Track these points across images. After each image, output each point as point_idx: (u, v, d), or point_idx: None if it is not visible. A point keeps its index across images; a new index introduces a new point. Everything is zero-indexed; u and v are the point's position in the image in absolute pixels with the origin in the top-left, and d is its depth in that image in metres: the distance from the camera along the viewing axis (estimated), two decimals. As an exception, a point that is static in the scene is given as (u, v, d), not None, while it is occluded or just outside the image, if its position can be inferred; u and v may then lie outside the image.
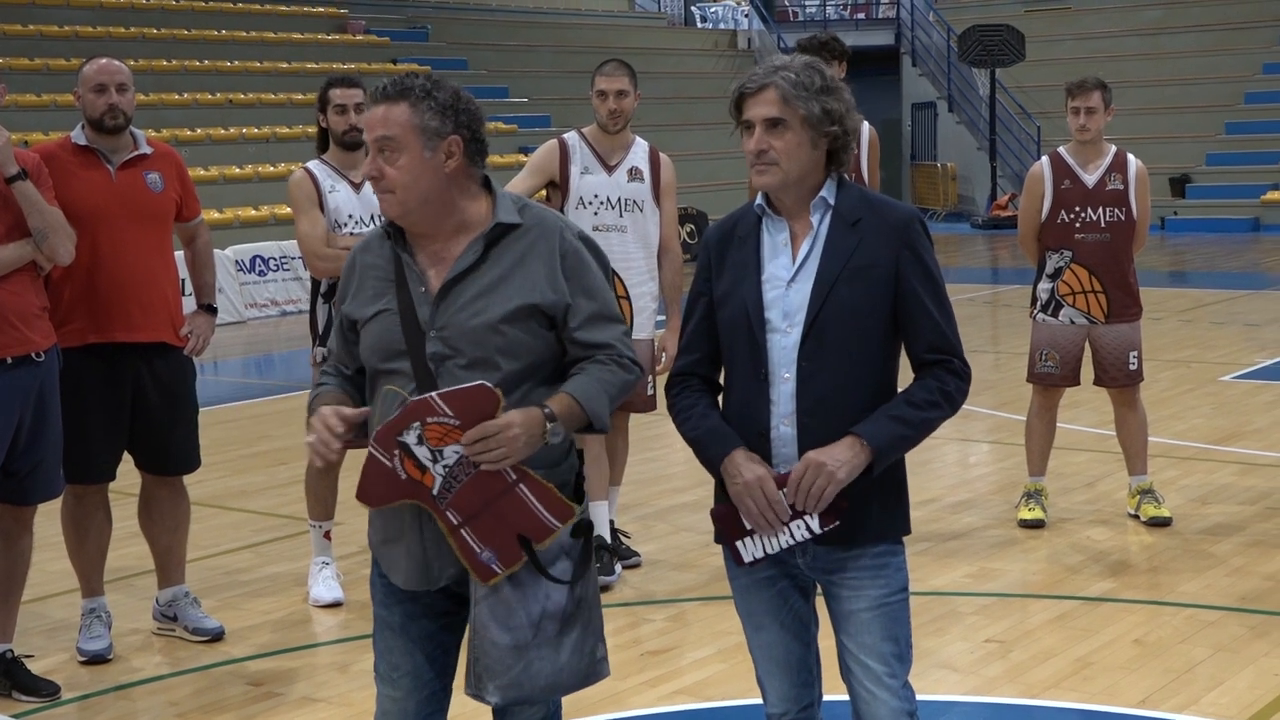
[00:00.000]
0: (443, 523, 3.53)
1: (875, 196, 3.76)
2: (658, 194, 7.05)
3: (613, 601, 6.77)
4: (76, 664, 6.13)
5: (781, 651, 3.85)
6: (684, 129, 27.77)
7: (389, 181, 3.54)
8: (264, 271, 18.25)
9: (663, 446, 10.11)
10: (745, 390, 3.70)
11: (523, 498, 3.55)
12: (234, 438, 10.53)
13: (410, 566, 3.64)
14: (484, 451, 3.46)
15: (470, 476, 3.50)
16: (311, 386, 3.85)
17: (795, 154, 3.62)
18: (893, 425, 3.59)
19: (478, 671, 3.59)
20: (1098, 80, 7.67)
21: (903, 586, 3.76)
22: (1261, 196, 26.42)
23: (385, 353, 3.58)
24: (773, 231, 3.73)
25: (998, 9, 32.25)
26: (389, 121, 3.53)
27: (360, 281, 3.66)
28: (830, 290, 3.61)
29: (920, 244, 3.66)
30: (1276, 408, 10.47)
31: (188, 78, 23.02)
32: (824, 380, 3.61)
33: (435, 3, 30.98)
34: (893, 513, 3.74)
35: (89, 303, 5.98)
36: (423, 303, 3.57)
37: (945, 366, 3.64)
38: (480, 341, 3.55)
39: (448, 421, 3.46)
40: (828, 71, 3.68)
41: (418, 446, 3.48)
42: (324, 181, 6.66)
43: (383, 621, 3.75)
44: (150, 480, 6.37)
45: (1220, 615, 6.39)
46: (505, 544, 3.55)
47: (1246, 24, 30.40)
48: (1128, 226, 7.67)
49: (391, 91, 3.54)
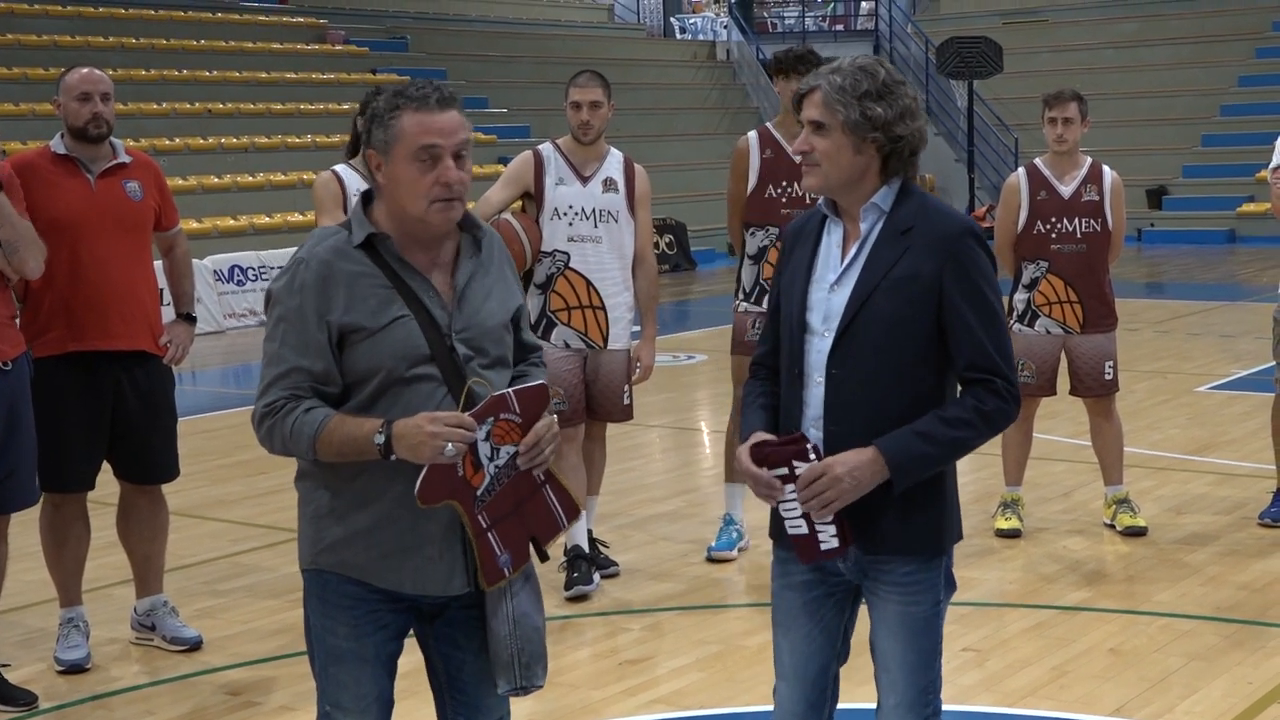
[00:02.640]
0: (472, 526, 3.54)
1: (935, 206, 3.69)
2: (632, 205, 7.07)
3: (590, 611, 6.79)
4: (54, 673, 6.11)
5: (800, 660, 3.84)
6: (663, 140, 27.83)
7: (465, 185, 3.56)
8: (243, 281, 18.23)
9: (640, 456, 10.14)
10: (788, 388, 3.74)
11: (546, 499, 3.64)
12: (213, 447, 10.52)
13: (449, 569, 3.62)
14: (538, 454, 3.55)
15: (510, 479, 3.56)
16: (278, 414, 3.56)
17: (836, 157, 3.62)
18: (915, 442, 3.56)
19: (525, 661, 3.63)
20: (1074, 92, 7.72)
21: (936, 601, 3.74)
22: (1237, 208, 26.52)
23: (410, 359, 3.53)
24: (831, 233, 3.75)
25: (975, 21, 32.38)
26: (464, 126, 3.57)
27: (351, 290, 3.53)
28: (868, 299, 3.60)
29: (968, 257, 3.60)
30: (1251, 418, 10.52)
31: (166, 87, 22.97)
32: (853, 388, 3.61)
33: (415, 13, 30.98)
34: (931, 527, 3.71)
35: (68, 311, 5.98)
36: (437, 306, 3.57)
37: (986, 386, 3.58)
38: (499, 340, 3.67)
39: (514, 419, 3.52)
40: (883, 75, 3.62)
41: (483, 443, 3.49)
42: (351, 185, 6.71)
43: (352, 654, 3.66)
44: (129, 489, 6.37)
45: (1195, 624, 6.42)
46: (520, 547, 3.62)
47: (1223, 37, 30.57)
48: (1104, 237, 7.72)
49: (450, 99, 3.56)
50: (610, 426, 7.44)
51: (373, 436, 3.45)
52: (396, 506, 3.56)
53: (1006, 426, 3.67)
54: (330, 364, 3.53)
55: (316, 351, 3.52)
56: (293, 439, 3.52)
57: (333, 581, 3.65)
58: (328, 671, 3.70)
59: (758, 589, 6.98)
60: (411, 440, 3.41)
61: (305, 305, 3.53)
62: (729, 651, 6.21)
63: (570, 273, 6.93)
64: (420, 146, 3.49)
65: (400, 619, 3.72)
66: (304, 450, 3.53)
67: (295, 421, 3.51)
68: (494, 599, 3.62)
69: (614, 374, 7.11)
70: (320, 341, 3.52)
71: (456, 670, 3.77)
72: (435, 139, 3.50)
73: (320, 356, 3.52)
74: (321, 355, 3.52)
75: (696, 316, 18.79)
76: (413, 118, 3.51)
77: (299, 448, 3.53)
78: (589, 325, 6.97)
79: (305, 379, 3.53)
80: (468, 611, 3.69)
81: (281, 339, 3.55)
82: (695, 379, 13.78)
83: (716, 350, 14.10)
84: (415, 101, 3.51)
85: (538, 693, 3.74)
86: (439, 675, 3.82)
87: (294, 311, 3.53)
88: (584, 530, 7.11)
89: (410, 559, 3.61)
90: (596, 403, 7.13)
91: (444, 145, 3.50)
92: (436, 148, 3.50)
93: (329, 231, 3.65)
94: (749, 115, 30.49)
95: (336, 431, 3.48)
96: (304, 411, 3.51)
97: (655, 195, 7.52)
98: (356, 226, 3.59)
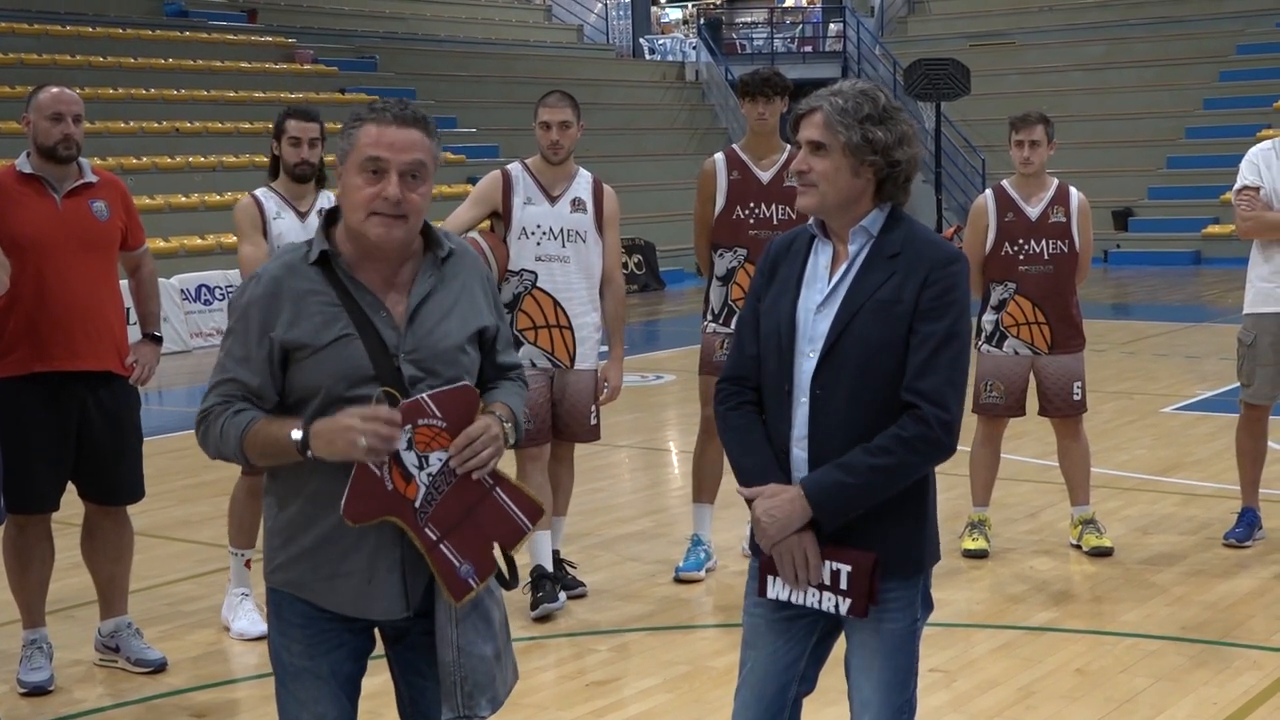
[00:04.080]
0: (420, 540, 3.51)
1: (924, 234, 3.71)
2: (601, 225, 7.07)
3: (557, 632, 6.78)
4: (17, 695, 6.07)
5: (760, 676, 3.85)
6: (632, 160, 27.86)
7: (410, 205, 3.52)
8: (209, 301, 18.17)
9: (608, 477, 10.14)
10: (773, 405, 3.73)
11: (499, 502, 3.58)
12: (178, 468, 10.47)
13: (388, 593, 3.59)
14: (471, 456, 3.50)
15: (450, 486, 3.51)
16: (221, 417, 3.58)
17: (833, 178, 3.64)
18: (834, 474, 3.59)
19: (467, 690, 3.59)
20: (1040, 114, 7.76)
21: (913, 620, 3.77)
22: (1203, 230, 26.69)
23: (351, 379, 3.50)
24: (819, 253, 3.76)
25: (943, 43, 32.53)
26: (419, 147, 3.52)
27: (298, 307, 3.52)
28: (851, 321, 3.62)
29: (945, 285, 3.60)
30: (1217, 439, 10.57)
31: (133, 105, 22.89)
32: (835, 409, 3.63)
33: (384, 32, 30.97)
34: (911, 545, 3.73)
35: (33, 331, 5.94)
36: (386, 326, 3.55)
37: (912, 411, 3.58)
38: (453, 362, 3.60)
39: (436, 424, 3.47)
40: (883, 100, 3.66)
41: (406, 452, 3.46)
42: (270, 209, 6.70)
43: (308, 672, 3.65)
44: (94, 510, 6.33)
45: (1161, 645, 6.44)
46: (482, 554, 3.56)
47: (1188, 60, 30.80)
48: (1071, 259, 7.75)
49: (410, 118, 3.53)
50: (578, 447, 7.43)
51: (290, 433, 3.45)
52: (338, 528, 3.54)
53: (935, 458, 3.64)
54: (266, 380, 3.55)
55: (254, 366, 3.55)
56: (223, 440, 3.55)
57: (286, 600, 3.66)
58: (286, 688, 3.70)
59: (726, 609, 6.98)
60: (328, 435, 3.41)
61: (251, 319, 3.56)
62: (697, 672, 6.20)
63: (537, 292, 6.93)
64: (368, 157, 3.49)
65: (358, 639, 3.70)
66: (233, 451, 3.54)
67: (225, 423, 3.54)
68: (442, 625, 3.59)
69: (581, 394, 7.11)
70: (260, 357, 3.54)
71: (419, 695, 3.76)
72: (383, 152, 3.48)
73: (257, 372, 3.55)
74: (258, 371, 3.55)
75: (665, 337, 18.81)
76: (369, 130, 3.51)
77: (228, 448, 3.55)
78: (555, 345, 6.97)
79: (239, 390, 3.57)
80: (429, 637, 3.65)
81: (227, 349, 3.61)
82: (664, 399, 13.78)
83: (685, 370, 14.11)
84: (376, 114, 3.52)
85: (504, 713, 3.72)
86: (404, 701, 3.81)
87: (240, 324, 3.58)
88: (548, 550, 7.09)
89: (350, 581, 3.59)
90: (563, 422, 7.12)
91: (390, 160, 3.48)
92: (382, 161, 3.48)
93: (290, 248, 3.66)
94: (718, 136, 30.56)
95: (261, 432, 3.51)
96: (233, 414, 3.54)
97: (624, 215, 7.52)
98: (315, 243, 3.59)
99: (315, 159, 6.76)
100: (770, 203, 7.28)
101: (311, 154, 6.73)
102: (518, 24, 35.80)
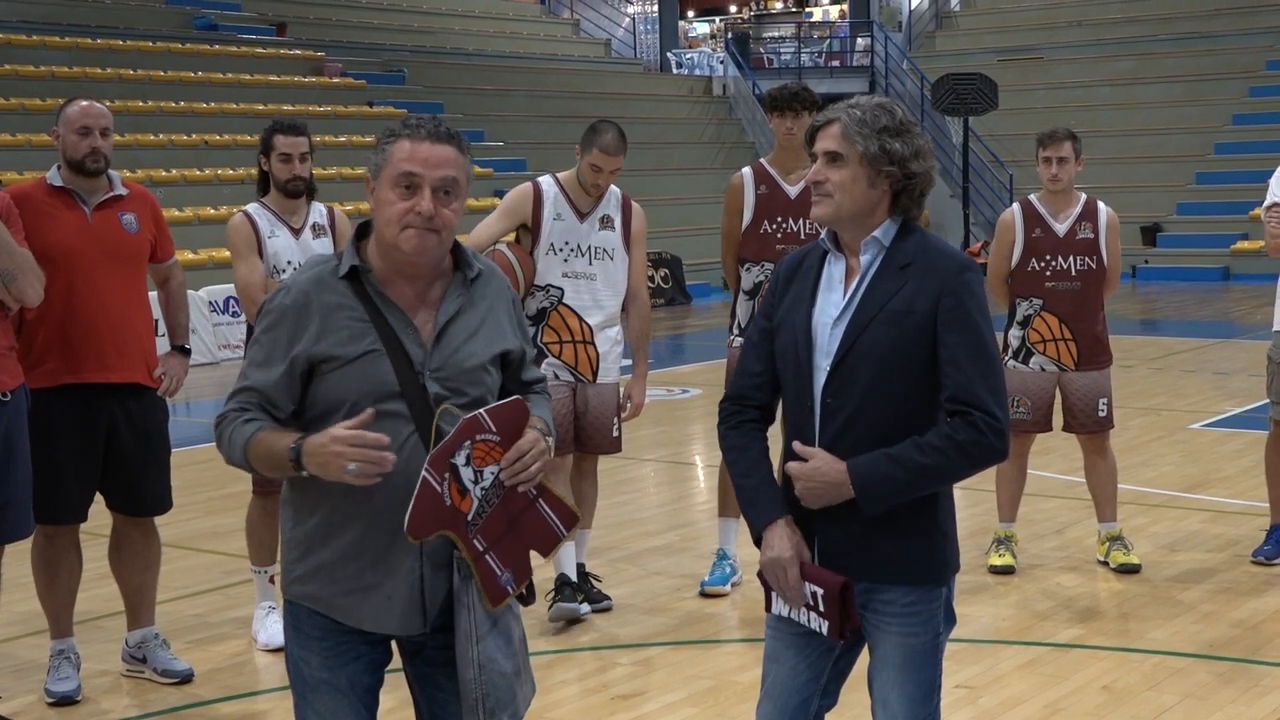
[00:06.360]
0: (468, 551, 3.53)
1: (936, 244, 3.74)
2: (628, 242, 7.08)
3: (581, 645, 6.78)
4: (44, 705, 6.09)
5: (781, 690, 3.86)
6: (660, 174, 27.87)
7: (443, 221, 3.54)
8: (238, 313, 18.20)
9: (633, 491, 10.13)
10: (798, 421, 3.74)
11: (541, 512, 3.63)
12: (206, 479, 10.50)
13: (405, 609, 3.60)
14: (522, 470, 3.53)
15: (500, 498, 3.55)
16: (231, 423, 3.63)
17: (850, 189, 3.66)
18: (882, 463, 3.59)
19: (489, 706, 3.59)
20: (1068, 131, 7.74)
21: (936, 633, 3.77)
22: (1231, 246, 26.57)
23: (376, 394, 3.51)
24: (832, 267, 3.77)
25: (971, 58, 32.48)
26: (453, 163, 3.55)
27: (326, 320, 3.54)
28: (863, 332, 3.64)
29: (963, 293, 3.63)
30: (1245, 456, 10.52)
31: (163, 119, 23.02)
32: (846, 419, 3.64)
33: (412, 46, 31.07)
34: (930, 556, 3.73)
35: (63, 343, 5.98)
36: (413, 343, 3.57)
37: (963, 418, 3.59)
38: (477, 381, 3.62)
39: (491, 439, 3.50)
40: (900, 114, 3.69)
41: (464, 467, 3.49)
42: (264, 226, 6.71)
43: (327, 685, 3.66)
44: (122, 521, 6.36)
45: (1188, 662, 6.42)
46: (520, 563, 3.61)
47: (1217, 75, 30.69)
48: (1098, 275, 7.73)
49: (445, 134, 3.56)
50: (603, 460, 7.44)
51: (287, 450, 3.47)
52: (356, 544, 3.56)
53: (988, 461, 3.65)
54: (282, 392, 3.57)
55: (274, 377, 3.57)
56: (231, 448, 3.58)
57: (304, 613, 3.67)
58: (305, 700, 3.70)
59: (751, 624, 6.97)
60: (318, 457, 3.41)
61: (278, 330, 3.59)
62: (721, 687, 6.20)
63: (564, 308, 6.94)
64: (401, 173, 3.51)
65: (376, 652, 3.71)
66: (239, 459, 3.57)
67: (233, 431, 3.57)
68: (463, 644, 3.59)
69: (603, 407, 7.12)
70: (280, 368, 3.56)
71: (439, 708, 3.76)
72: (417, 168, 3.51)
73: (275, 383, 3.57)
74: (276, 383, 3.57)
75: (691, 351, 18.80)
76: (403, 145, 3.53)
77: (235, 456, 3.57)
78: (579, 360, 6.98)
79: (256, 398, 3.59)
80: (448, 652, 3.65)
81: (251, 356, 3.63)
82: (689, 413, 13.77)
83: (711, 385, 14.12)
84: (410, 130, 3.55)
85: (528, 728, 3.73)
86: (423, 714, 3.81)
87: (267, 333, 3.60)
88: (573, 560, 7.10)
89: (369, 597, 3.60)
90: (586, 435, 7.13)
91: (424, 175, 3.51)
92: (416, 176, 3.50)
93: (320, 260, 3.68)
94: (745, 150, 30.57)
95: (263, 442, 3.52)
96: (243, 422, 3.56)
97: (651, 229, 7.52)
98: (345, 258, 3.61)
99: (306, 173, 6.74)
100: (798, 217, 7.27)
101: (302, 169, 6.71)
102: (546, 38, 35.89)
